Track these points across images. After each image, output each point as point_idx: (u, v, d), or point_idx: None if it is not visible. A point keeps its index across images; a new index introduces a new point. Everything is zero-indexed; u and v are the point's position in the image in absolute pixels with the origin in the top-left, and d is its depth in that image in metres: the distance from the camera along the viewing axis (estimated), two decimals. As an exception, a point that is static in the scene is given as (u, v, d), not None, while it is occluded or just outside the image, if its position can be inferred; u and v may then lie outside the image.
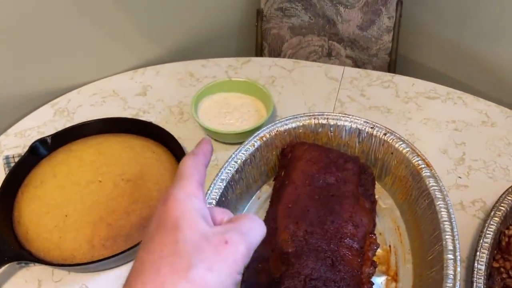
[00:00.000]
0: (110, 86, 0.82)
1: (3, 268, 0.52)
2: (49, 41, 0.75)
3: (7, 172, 0.63)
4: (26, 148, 0.64)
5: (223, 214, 0.33)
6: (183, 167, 0.33)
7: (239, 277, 0.29)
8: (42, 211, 0.56)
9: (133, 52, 0.88)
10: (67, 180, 0.59)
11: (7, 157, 0.67)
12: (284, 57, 0.95)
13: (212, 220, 0.31)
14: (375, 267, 0.50)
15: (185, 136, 0.72)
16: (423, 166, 0.55)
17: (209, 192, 0.53)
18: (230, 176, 0.56)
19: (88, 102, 0.79)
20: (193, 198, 0.30)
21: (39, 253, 0.53)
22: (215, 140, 0.71)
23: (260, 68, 0.86)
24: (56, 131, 0.66)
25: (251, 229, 0.31)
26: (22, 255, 0.52)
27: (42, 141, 0.63)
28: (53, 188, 0.59)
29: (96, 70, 0.84)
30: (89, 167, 0.61)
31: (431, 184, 0.53)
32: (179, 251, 0.27)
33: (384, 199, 0.61)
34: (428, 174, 0.54)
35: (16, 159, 0.65)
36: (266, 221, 0.55)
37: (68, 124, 0.72)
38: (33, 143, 0.63)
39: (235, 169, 0.56)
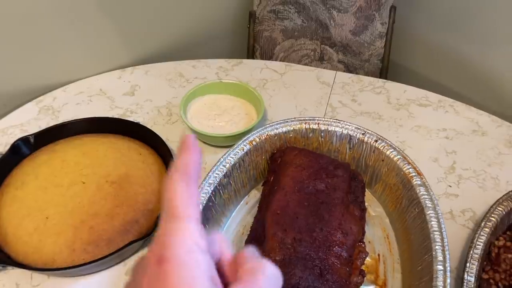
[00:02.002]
0: (97, 85, 0.81)
1: (-21, 271, 0.50)
2: (35, 37, 0.73)
3: (-13, 171, 0.61)
4: (8, 147, 0.61)
5: (218, 245, 0.25)
6: (173, 199, 0.24)
7: None
8: (22, 213, 0.54)
9: (122, 50, 0.86)
10: (49, 181, 0.58)
11: (-13, 156, 0.65)
12: (276, 60, 0.94)
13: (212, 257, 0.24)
14: (363, 276, 0.49)
15: (173, 138, 0.71)
16: (414, 174, 0.54)
17: (196, 196, 0.52)
18: (218, 180, 0.54)
19: (74, 100, 0.77)
20: (198, 255, 0.22)
21: (17, 257, 0.51)
22: (204, 142, 0.70)
23: (251, 70, 0.85)
24: (40, 129, 0.64)
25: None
26: (0, 258, 0.50)
27: (24, 140, 0.61)
28: (35, 189, 0.57)
29: (83, 68, 0.82)
30: (73, 168, 0.59)
31: (421, 192, 0.53)
32: None
33: (374, 207, 0.60)
34: (419, 182, 0.53)
35: (-3, 158, 0.63)
36: (254, 227, 0.53)
37: (53, 123, 0.70)
38: (15, 142, 0.61)
39: (223, 173, 0.55)
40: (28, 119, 0.74)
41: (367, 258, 0.54)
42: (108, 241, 0.52)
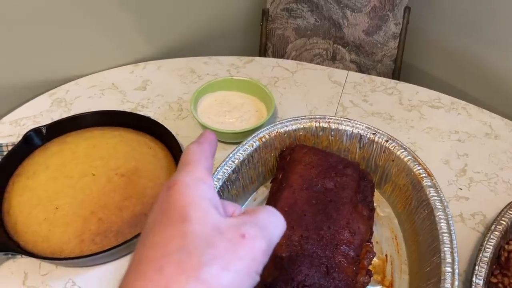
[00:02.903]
0: (109, 79, 0.81)
1: (-11, 259, 0.51)
2: (49, 31, 0.74)
3: None
4: (20, 138, 0.62)
5: (234, 207, 0.29)
6: (188, 153, 0.29)
7: (258, 279, 0.25)
8: (32, 202, 0.55)
9: (135, 46, 0.86)
10: (60, 172, 0.58)
11: (0, 145, 0.66)
12: (287, 58, 0.94)
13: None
14: (370, 276, 0.49)
15: (183, 134, 0.71)
16: (424, 175, 0.54)
17: (204, 191, 0.52)
18: (226, 175, 0.54)
19: (87, 94, 0.78)
20: (202, 184, 0.26)
21: (27, 245, 0.52)
22: (214, 138, 0.70)
23: (262, 68, 0.85)
24: (52, 121, 0.65)
25: (271, 223, 0.26)
26: (9, 246, 0.50)
27: (36, 131, 0.62)
28: (45, 180, 0.57)
29: (96, 62, 0.83)
30: (83, 160, 0.60)
31: (431, 194, 0.52)
32: (187, 246, 0.22)
33: (382, 207, 0.60)
34: (429, 183, 0.53)
35: (10, 148, 0.64)
36: (261, 223, 0.53)
37: (65, 115, 0.71)
38: (27, 133, 0.61)
39: (232, 169, 0.55)
40: (41, 111, 0.74)
41: (375, 259, 0.53)
42: (117, 232, 0.52)
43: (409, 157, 0.56)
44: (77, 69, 0.81)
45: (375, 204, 0.58)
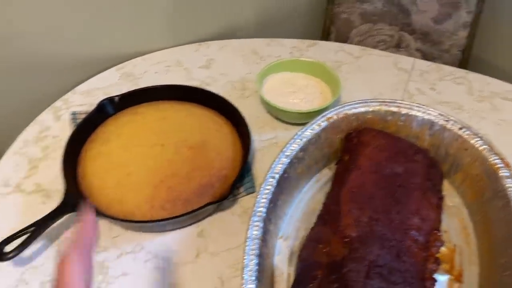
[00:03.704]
0: (175, 56, 0.83)
1: (65, 217, 0.53)
2: (120, 8, 0.76)
3: (74, 127, 0.65)
4: (92, 107, 0.65)
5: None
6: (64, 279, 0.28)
7: None
8: (106, 167, 0.57)
9: (199, 25, 0.87)
10: (131, 141, 0.60)
11: (74, 113, 0.69)
12: (351, 43, 0.92)
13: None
14: (438, 264, 0.48)
15: (246, 112, 0.71)
16: (501, 165, 0.52)
17: (272, 166, 0.52)
18: (294, 153, 0.54)
19: (153, 69, 0.80)
20: None
21: (100, 207, 0.54)
22: (276, 118, 0.70)
23: (326, 52, 0.84)
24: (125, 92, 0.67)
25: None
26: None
27: (110, 99, 0.64)
28: (118, 147, 0.60)
29: (162, 39, 0.85)
30: (153, 130, 0.61)
31: (508, 185, 0.50)
32: None
33: (451, 197, 0.58)
34: (507, 174, 0.51)
35: (83, 116, 0.66)
36: (327, 203, 0.53)
37: (133, 88, 0.73)
38: (101, 101, 0.64)
39: (300, 147, 0.55)
40: (110, 84, 0.77)
41: (442, 248, 0.52)
42: (185, 201, 0.54)
43: (485, 146, 0.54)
44: (144, 45, 0.83)
45: (443, 193, 0.56)
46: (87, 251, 0.30)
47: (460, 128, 0.56)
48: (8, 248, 0.49)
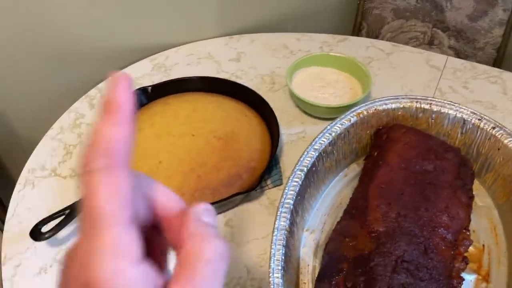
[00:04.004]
0: (206, 49, 0.84)
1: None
2: (155, 1, 0.78)
3: (108, 115, 0.67)
4: (126, 96, 0.67)
5: (171, 271, 0.20)
6: (94, 201, 0.18)
7: None
8: (138, 154, 0.59)
9: (231, 19, 0.88)
10: (162, 130, 0.62)
11: (108, 102, 0.71)
12: (382, 40, 0.91)
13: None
14: (466, 263, 0.47)
15: (275, 106, 0.71)
16: (535, 166, 0.51)
17: (301, 159, 0.53)
18: (323, 147, 0.55)
19: (185, 61, 0.81)
20: (127, 272, 0.18)
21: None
22: (305, 112, 0.70)
23: (356, 48, 0.83)
24: (157, 82, 0.68)
25: (211, 277, 0.19)
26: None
27: (143, 89, 0.66)
28: (150, 135, 0.61)
29: (194, 32, 0.86)
30: (184, 121, 0.63)
31: (542, 187, 0.49)
32: None
33: (481, 197, 0.57)
34: (541, 175, 0.50)
35: (116, 105, 0.68)
36: (354, 198, 0.53)
37: (165, 79, 0.75)
38: (134, 90, 0.66)
39: (328, 141, 0.55)
40: (143, 74, 0.79)
41: (471, 247, 0.51)
42: (214, 190, 0.55)
43: (519, 147, 0.53)
44: (176, 37, 0.85)
45: (473, 192, 0.55)
46: (116, 157, 0.19)
47: (493, 127, 0.55)
48: (45, 228, 0.52)
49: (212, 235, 0.20)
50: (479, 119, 0.57)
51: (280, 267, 0.44)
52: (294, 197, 0.49)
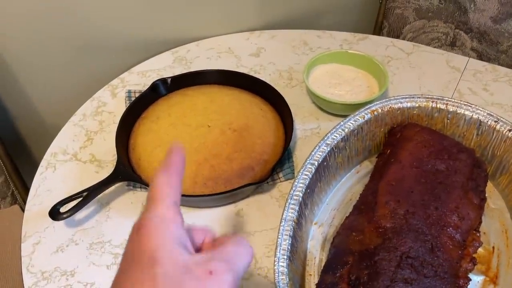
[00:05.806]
0: (226, 43, 0.85)
1: (114, 186, 0.58)
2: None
3: (128, 104, 0.69)
4: (146, 86, 0.69)
5: (203, 233, 0.31)
6: (155, 186, 0.29)
7: None
8: (155, 143, 0.61)
9: (252, 14, 0.89)
10: (180, 120, 0.63)
11: (129, 92, 0.73)
12: (403, 40, 0.91)
13: (192, 243, 0.29)
14: (474, 264, 0.47)
15: (291, 101, 0.72)
16: (550, 170, 0.50)
17: (312, 153, 0.53)
18: (335, 142, 0.55)
19: (205, 55, 0.83)
20: (170, 224, 0.27)
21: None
22: (321, 109, 0.71)
23: (376, 46, 0.83)
24: (177, 74, 0.70)
25: (237, 256, 0.28)
26: (134, 177, 0.57)
27: (163, 81, 0.68)
28: (167, 125, 0.63)
29: (215, 26, 0.87)
30: (201, 112, 0.64)
31: (556, 191, 0.48)
32: None
33: (494, 199, 0.56)
34: (556, 180, 0.49)
35: (137, 95, 0.70)
36: (364, 194, 0.54)
37: (185, 71, 0.76)
38: (155, 81, 0.67)
39: (341, 137, 0.56)
40: (164, 66, 0.81)
41: (480, 249, 0.51)
42: (226, 180, 0.56)
43: (535, 150, 0.52)
44: (198, 31, 0.87)
45: (486, 194, 0.55)
46: (173, 170, 0.30)
47: (510, 130, 0.55)
48: (63, 209, 0.54)
49: (241, 238, 0.30)
50: (495, 121, 0.56)
51: (286, 257, 0.45)
52: (304, 190, 0.50)
